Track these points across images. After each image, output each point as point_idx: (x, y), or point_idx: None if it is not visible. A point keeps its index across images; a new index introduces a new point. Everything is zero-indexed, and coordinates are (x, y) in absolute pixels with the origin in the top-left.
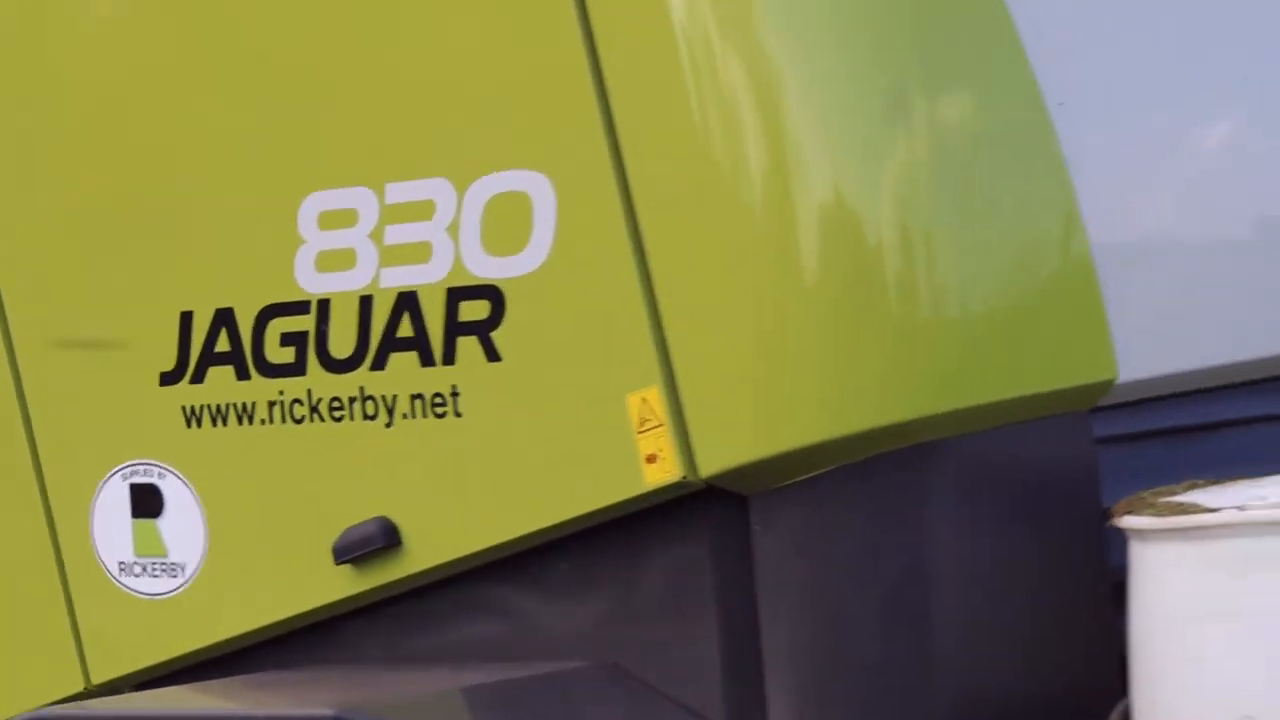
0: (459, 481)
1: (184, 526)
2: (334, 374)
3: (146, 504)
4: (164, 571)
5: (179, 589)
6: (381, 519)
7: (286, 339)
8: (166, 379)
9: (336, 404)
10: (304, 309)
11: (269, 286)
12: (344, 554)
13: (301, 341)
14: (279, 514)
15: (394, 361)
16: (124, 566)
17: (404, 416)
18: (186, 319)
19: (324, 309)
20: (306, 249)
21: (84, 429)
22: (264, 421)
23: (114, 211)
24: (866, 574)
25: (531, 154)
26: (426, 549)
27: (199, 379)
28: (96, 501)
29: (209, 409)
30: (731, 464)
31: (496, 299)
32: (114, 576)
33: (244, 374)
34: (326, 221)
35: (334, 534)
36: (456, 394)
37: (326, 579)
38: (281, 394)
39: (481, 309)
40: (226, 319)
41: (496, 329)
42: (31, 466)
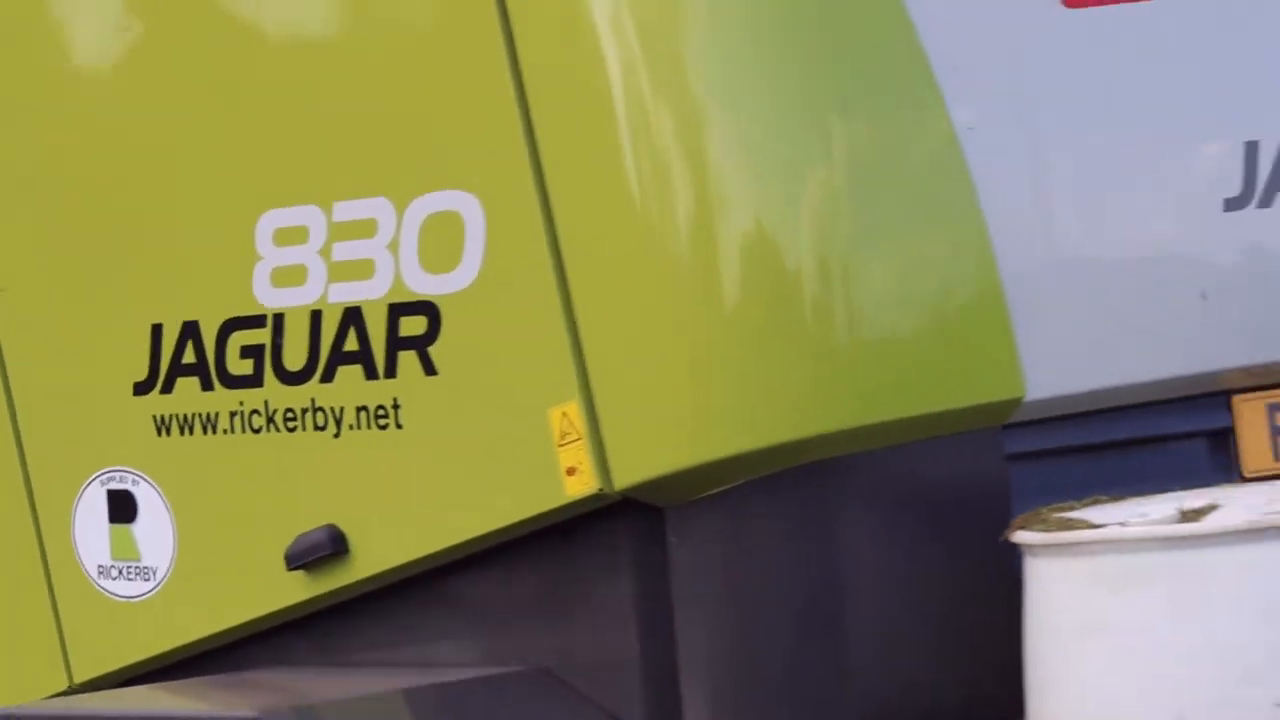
0: (400, 491)
1: (155, 532)
2: (288, 385)
3: (122, 510)
4: (138, 575)
5: (151, 592)
6: (330, 527)
7: (246, 351)
8: (139, 389)
9: (290, 415)
10: (261, 323)
11: (230, 301)
12: (295, 560)
13: (259, 354)
14: (239, 521)
15: (341, 374)
16: (102, 570)
17: (350, 427)
18: (157, 331)
19: (279, 323)
20: (263, 265)
21: (67, 436)
22: (226, 431)
23: (92, 226)
24: (781, 584)
25: (463, 175)
26: (371, 556)
27: (168, 389)
28: (77, 506)
29: (177, 418)
30: (645, 477)
31: (433, 315)
32: (93, 579)
33: (208, 385)
34: (281, 238)
35: (288, 541)
36: (397, 406)
37: (281, 584)
38: (241, 404)
39: (419, 324)
40: (193, 331)
41: (433, 344)
42: (20, 472)
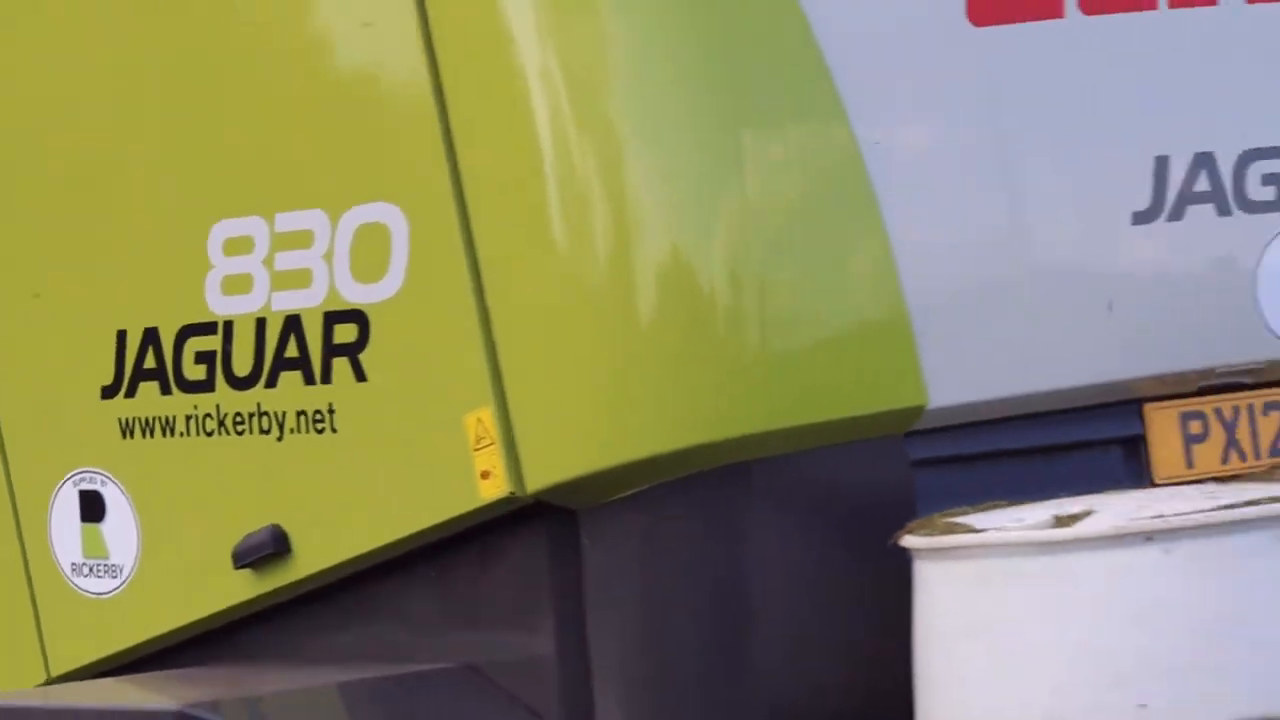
0: (336, 493)
1: (122, 531)
2: (237, 390)
3: (92, 509)
4: (106, 572)
5: (118, 589)
6: (273, 527)
7: (200, 357)
8: (106, 393)
9: (239, 419)
10: (213, 329)
11: (185, 308)
12: (241, 559)
13: (212, 360)
14: (195, 520)
15: (283, 380)
16: (75, 567)
17: (291, 431)
18: (122, 336)
19: (229, 330)
20: (214, 273)
21: (43, 437)
22: (183, 434)
23: (62, 235)
24: (693, 586)
25: (389, 188)
26: (311, 555)
27: (131, 393)
28: (53, 505)
29: (139, 421)
30: (554, 481)
31: (363, 323)
32: (68, 576)
33: (166, 389)
34: (230, 248)
35: (238, 540)
36: (332, 411)
37: (231, 582)
38: (196, 408)
39: (351, 332)
40: (153, 338)
41: (364, 351)
42: (2, 471)
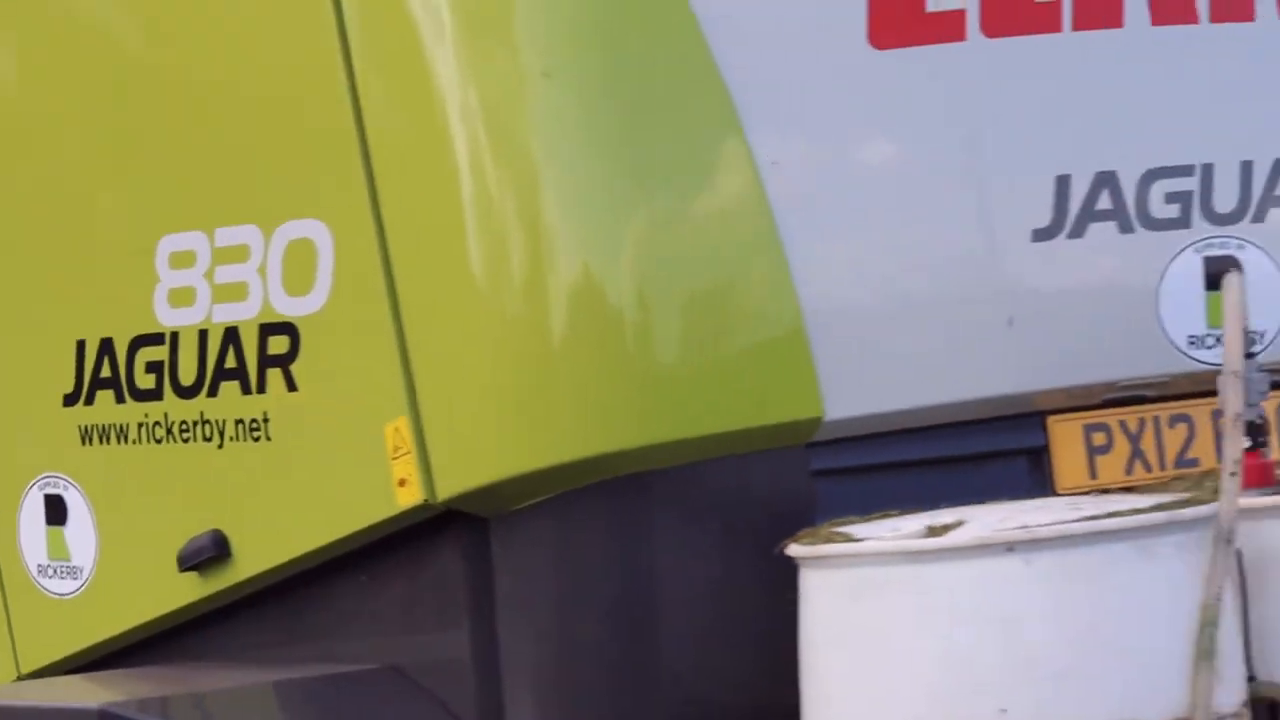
0: (271, 499)
1: (82, 534)
2: (182, 399)
3: (56, 513)
4: (68, 574)
5: (79, 590)
6: (215, 531)
7: (150, 367)
8: (67, 400)
9: (184, 426)
10: (161, 340)
11: (136, 319)
12: (185, 562)
13: (160, 370)
14: (146, 525)
15: (224, 390)
16: (41, 568)
17: (231, 439)
18: (81, 346)
19: (175, 341)
20: (161, 286)
21: (13, 442)
22: (135, 441)
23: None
24: (601, 590)
25: (315, 205)
26: (250, 559)
27: (90, 401)
28: (21, 508)
29: (97, 428)
30: (463, 489)
31: (294, 335)
32: (34, 577)
33: (120, 398)
34: (175, 261)
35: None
36: (267, 420)
37: (179, 585)
38: (147, 416)
39: (284, 344)
40: (108, 348)
41: (294, 362)
42: None
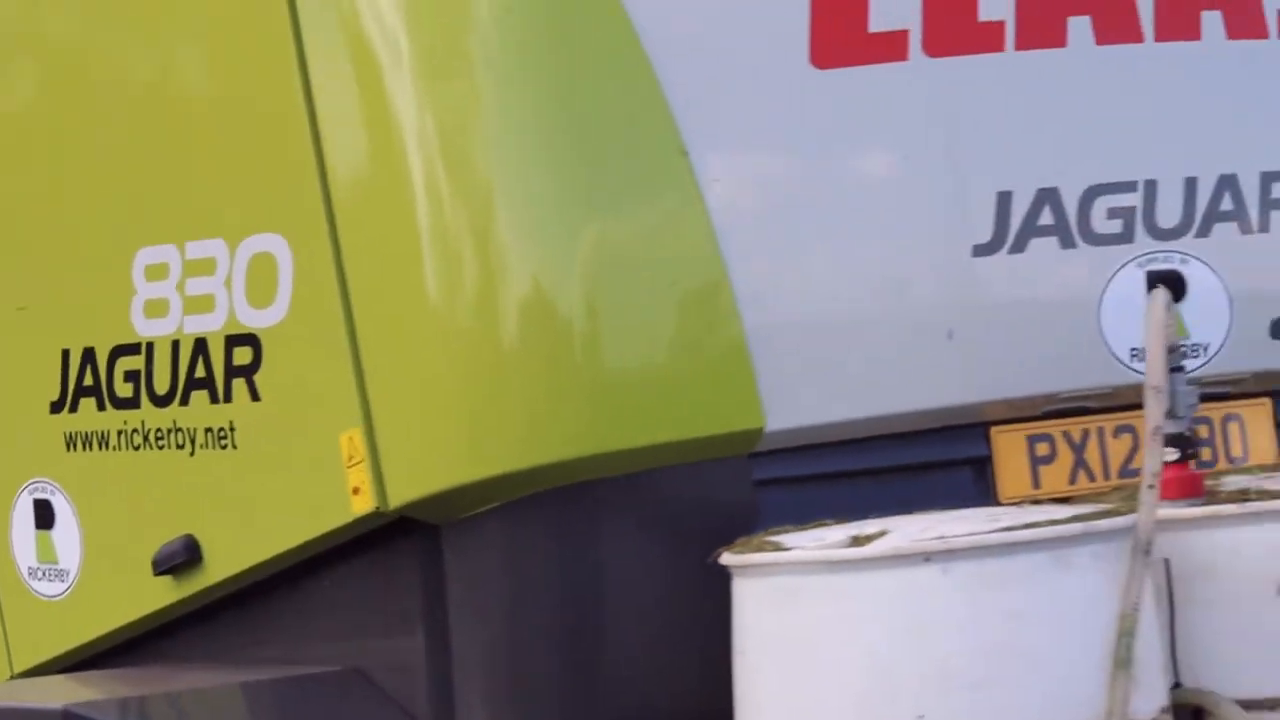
0: (238, 505)
1: (68, 538)
2: (158, 408)
3: (44, 517)
4: (56, 577)
5: (66, 592)
6: (187, 537)
7: (128, 376)
8: (54, 407)
9: (160, 434)
10: (138, 350)
11: (115, 329)
12: (159, 566)
13: (137, 379)
14: (125, 529)
15: (194, 399)
16: (31, 571)
17: (201, 447)
18: (66, 356)
19: (150, 351)
20: (138, 298)
21: (5, 447)
22: (115, 448)
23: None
24: (547, 595)
25: (276, 219)
26: (220, 563)
27: (74, 409)
28: (13, 513)
29: (80, 435)
30: (414, 496)
31: (257, 346)
32: (25, 579)
33: (102, 405)
34: (150, 274)
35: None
36: (233, 429)
37: (155, 588)
38: (125, 423)
39: (248, 354)
40: (90, 357)
41: (257, 372)
42: None
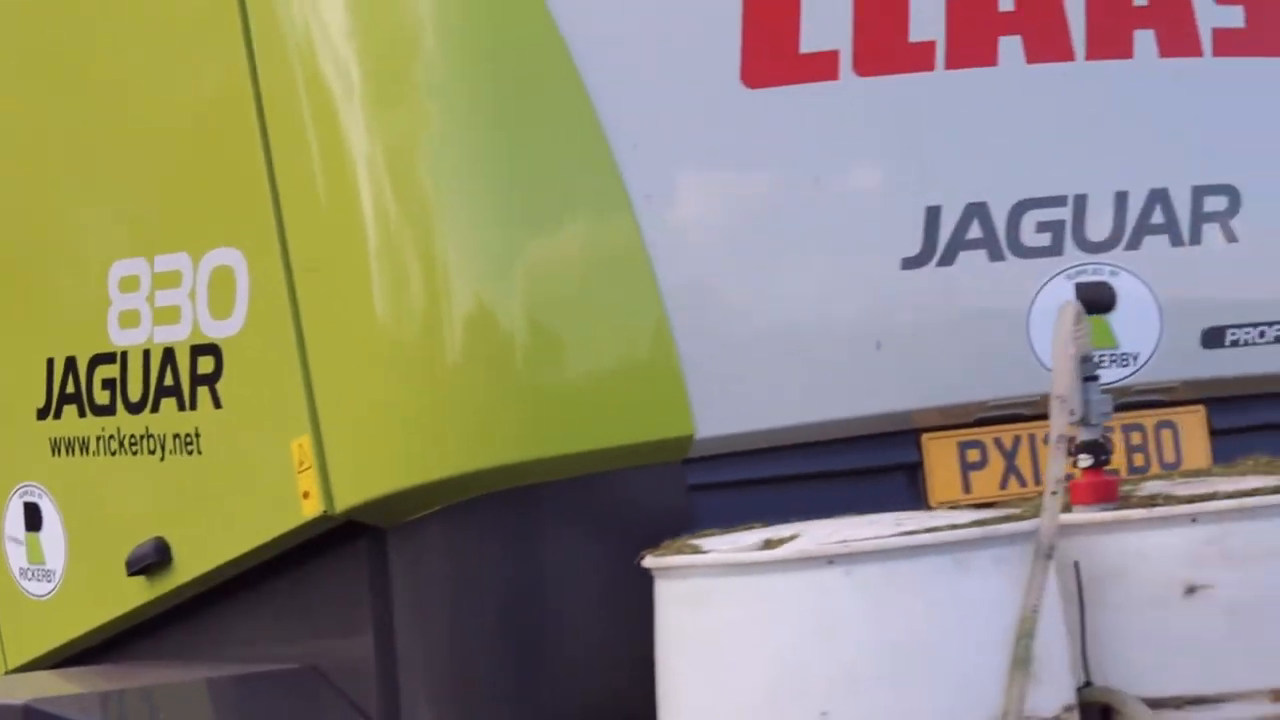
0: (202, 509)
1: (54, 540)
2: (132, 415)
3: (33, 519)
4: (44, 577)
5: (52, 592)
6: (157, 539)
7: (105, 384)
8: (40, 414)
9: (133, 440)
10: (113, 359)
11: (94, 339)
12: (131, 567)
13: (114, 387)
14: (104, 531)
15: (164, 406)
16: (22, 571)
17: (170, 453)
18: (50, 364)
19: (124, 360)
20: (113, 309)
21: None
22: (94, 453)
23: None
24: (488, 596)
25: (234, 234)
26: (187, 564)
27: (58, 415)
28: (6, 515)
29: (64, 440)
30: (359, 500)
31: (218, 356)
32: (17, 579)
33: (82, 412)
34: (124, 286)
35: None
36: (198, 435)
37: (130, 588)
38: (103, 430)
39: (210, 364)
40: (72, 366)
41: (219, 381)
42: None
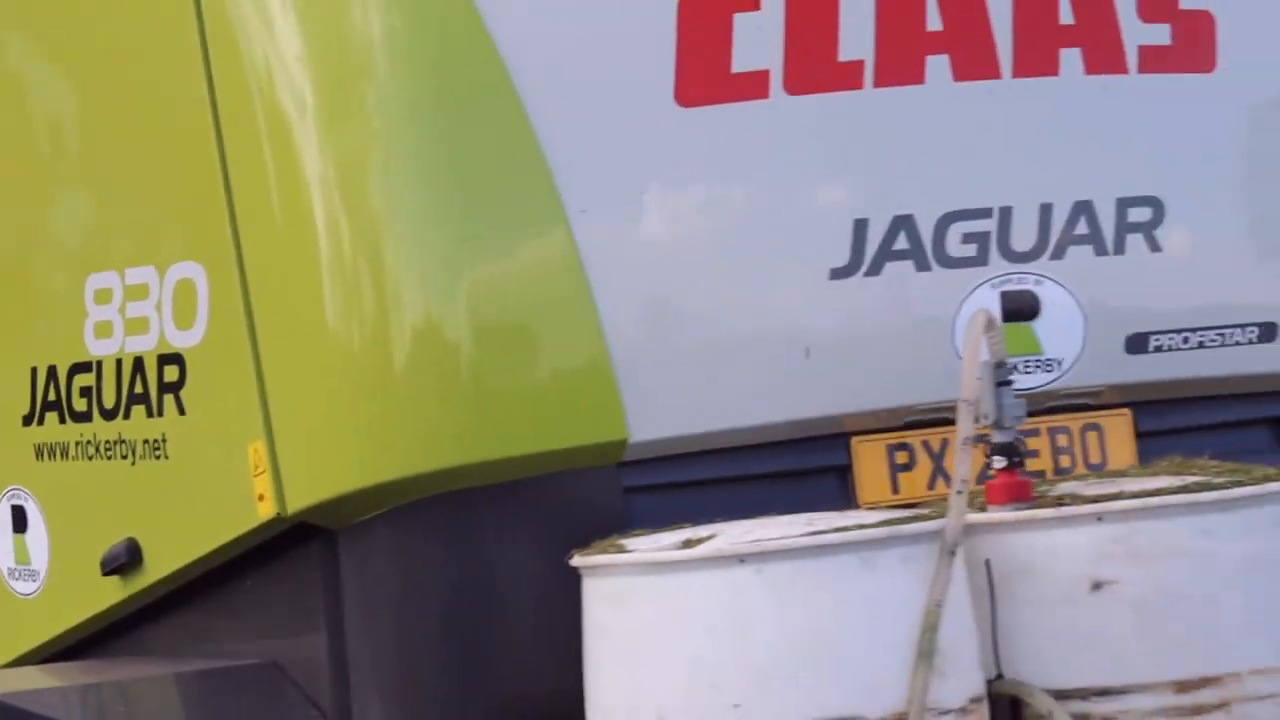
0: (170, 511)
1: (38, 541)
2: (106, 421)
3: (19, 522)
4: (29, 577)
5: (37, 591)
6: (129, 540)
7: (83, 392)
8: (25, 420)
9: (108, 445)
10: (90, 368)
11: (72, 349)
12: (105, 567)
13: (90, 394)
14: (82, 533)
15: (134, 413)
16: (9, 571)
17: (140, 458)
18: (34, 373)
19: (99, 369)
20: (89, 320)
21: None
22: (73, 458)
23: None
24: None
25: (195, 249)
26: (157, 564)
27: (41, 422)
28: None
29: (46, 446)
30: (309, 502)
31: (182, 365)
32: (5, 579)
33: (62, 419)
34: (98, 298)
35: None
36: (165, 440)
37: (105, 587)
38: (81, 436)
39: (175, 372)
40: (53, 374)
41: (183, 389)
42: None
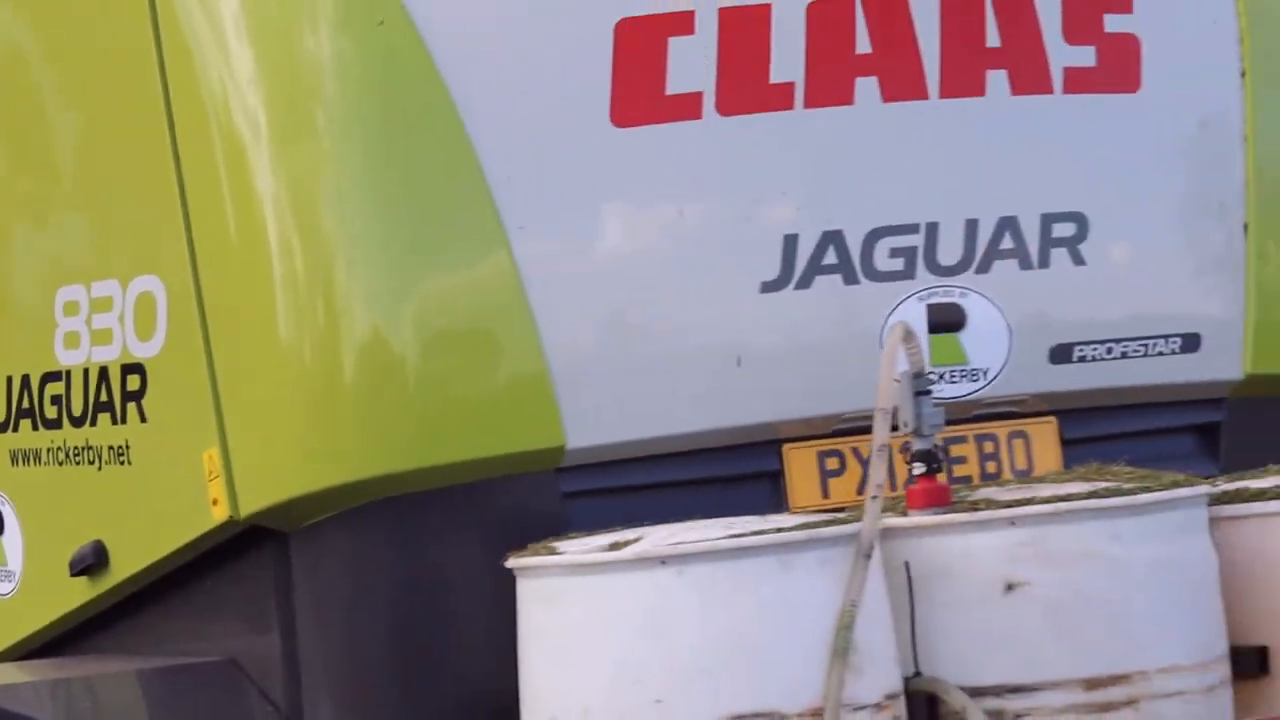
0: (133, 514)
1: (14, 543)
2: (75, 428)
3: None
4: (6, 577)
5: (13, 591)
6: (96, 542)
7: (53, 400)
8: (1, 427)
9: (76, 451)
10: (60, 378)
11: (44, 359)
12: (73, 568)
13: (60, 402)
14: (52, 536)
15: (100, 420)
16: None
17: (106, 463)
18: (9, 381)
19: (68, 378)
20: (59, 331)
21: None
22: (45, 464)
23: None
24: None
25: (155, 263)
26: (122, 565)
27: (16, 429)
28: None
29: (21, 452)
30: (260, 506)
31: (143, 374)
32: None
33: (35, 426)
34: (67, 310)
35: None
36: (128, 447)
37: (74, 588)
38: (52, 442)
39: (136, 382)
40: (27, 383)
41: (144, 397)
42: None
